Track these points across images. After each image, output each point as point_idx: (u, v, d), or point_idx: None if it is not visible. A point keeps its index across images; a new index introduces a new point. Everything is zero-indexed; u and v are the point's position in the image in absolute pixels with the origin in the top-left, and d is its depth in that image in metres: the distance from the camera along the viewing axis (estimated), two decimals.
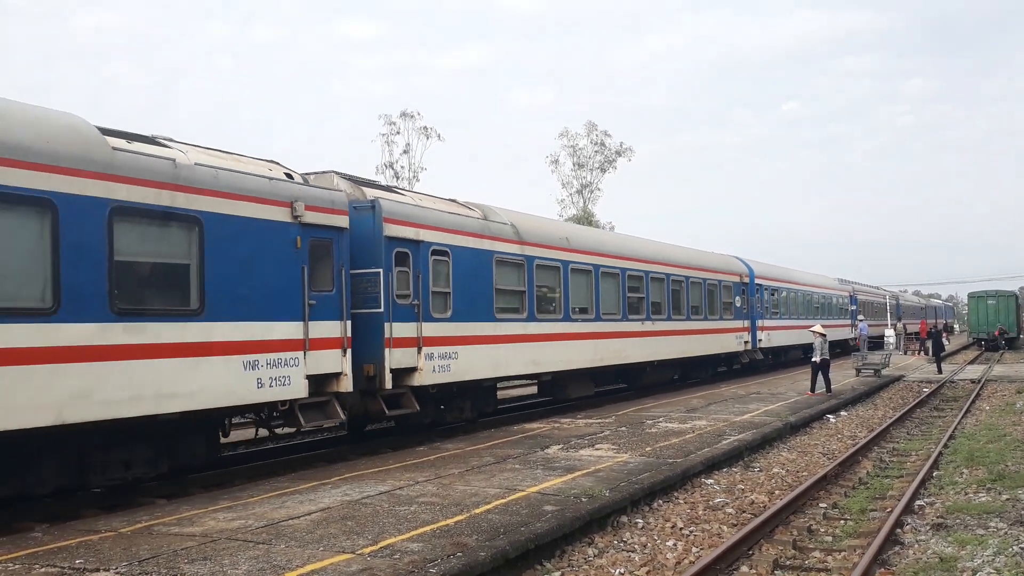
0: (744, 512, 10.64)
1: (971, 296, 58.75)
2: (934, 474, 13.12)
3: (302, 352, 12.27)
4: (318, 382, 12.79)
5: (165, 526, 8.79)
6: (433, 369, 15.01)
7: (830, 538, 9.68)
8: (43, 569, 7.27)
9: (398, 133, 54.79)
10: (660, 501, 11.03)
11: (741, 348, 30.98)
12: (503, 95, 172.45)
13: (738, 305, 30.76)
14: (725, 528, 9.84)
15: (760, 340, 32.52)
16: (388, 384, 14.07)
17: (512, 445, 14.19)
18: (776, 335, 34.77)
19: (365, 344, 13.83)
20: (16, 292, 9.00)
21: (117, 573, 7.08)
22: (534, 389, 23.80)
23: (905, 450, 15.73)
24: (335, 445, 15.05)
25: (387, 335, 14.04)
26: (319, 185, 13.26)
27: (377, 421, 16.35)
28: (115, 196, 9.89)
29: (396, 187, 15.97)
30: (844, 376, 29.13)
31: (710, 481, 12.38)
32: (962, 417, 19.92)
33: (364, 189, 14.96)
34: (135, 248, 10.21)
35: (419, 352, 14.71)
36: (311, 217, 12.51)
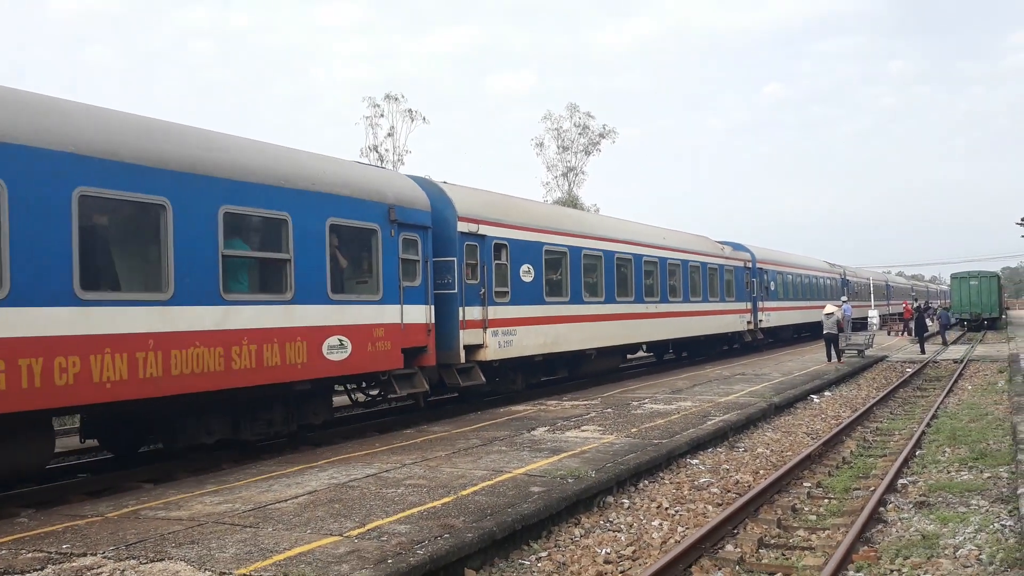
0: (729, 492, 10.72)
1: (954, 277, 59.02)
2: (917, 453, 13.23)
3: None
4: None
5: (152, 510, 8.77)
6: None
7: (814, 517, 9.77)
8: (30, 554, 7.25)
9: (382, 116, 54.59)
10: (646, 481, 11.10)
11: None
12: (485, 78, 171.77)
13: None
14: (710, 508, 9.90)
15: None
16: None
17: (498, 427, 14.23)
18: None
19: None
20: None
21: (104, 557, 7.07)
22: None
23: (888, 429, 15.86)
24: (323, 429, 15.02)
25: None
26: None
27: None
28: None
29: None
30: (821, 359, 29.26)
31: (695, 461, 12.45)
32: (944, 397, 20.09)
33: None
34: None
35: None
36: None
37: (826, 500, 10.47)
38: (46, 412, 9.64)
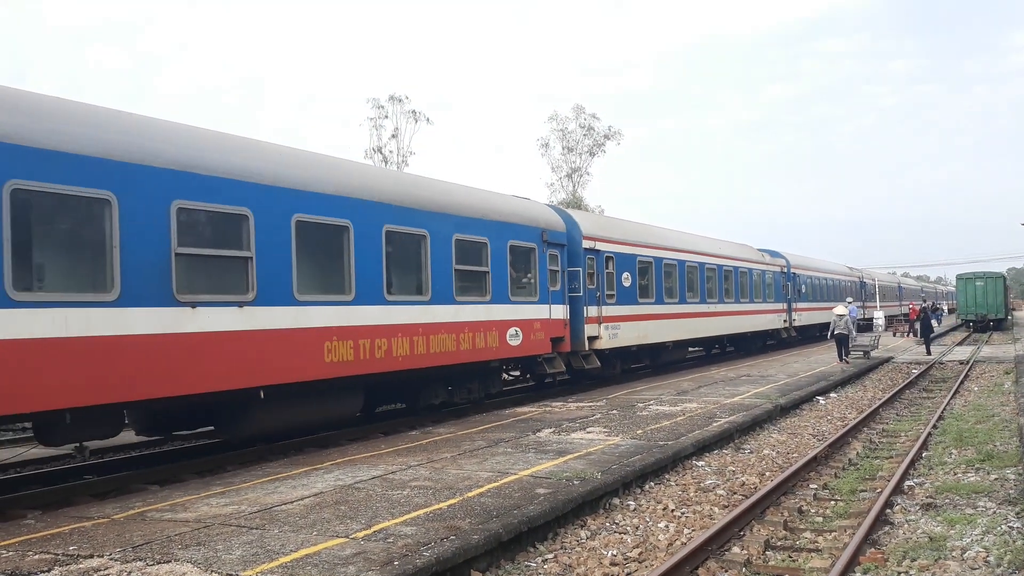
0: (735, 494, 10.70)
1: (959, 278, 58.85)
2: (923, 455, 13.20)
3: None
4: None
5: (158, 512, 8.79)
6: None
7: (821, 519, 9.75)
8: (37, 556, 7.26)
9: (386, 117, 54.60)
10: (652, 483, 11.08)
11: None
12: (488, 79, 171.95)
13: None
14: (716, 510, 9.89)
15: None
16: None
17: (504, 429, 14.22)
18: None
19: None
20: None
21: (111, 559, 7.08)
22: None
23: (895, 431, 15.83)
24: (328, 431, 15.03)
25: None
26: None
27: None
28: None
29: None
30: (833, 358, 29.24)
31: (701, 463, 12.44)
32: (951, 398, 20.04)
33: None
34: None
35: None
36: None
37: (832, 502, 10.45)
38: (370, 376, 13.85)
